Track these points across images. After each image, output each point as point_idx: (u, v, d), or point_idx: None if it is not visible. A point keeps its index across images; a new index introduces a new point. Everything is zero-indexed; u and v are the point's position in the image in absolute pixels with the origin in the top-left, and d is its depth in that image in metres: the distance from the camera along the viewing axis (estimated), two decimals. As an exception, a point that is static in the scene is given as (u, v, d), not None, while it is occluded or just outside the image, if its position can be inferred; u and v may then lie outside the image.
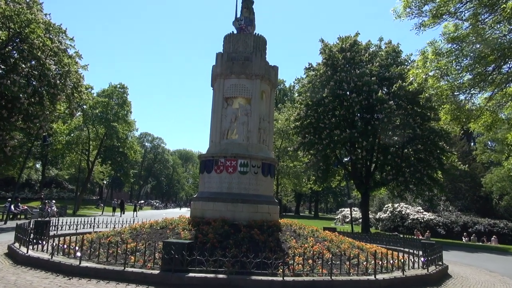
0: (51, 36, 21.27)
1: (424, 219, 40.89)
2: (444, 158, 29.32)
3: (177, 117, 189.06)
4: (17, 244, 10.22)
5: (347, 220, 50.50)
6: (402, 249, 14.25)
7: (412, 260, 8.72)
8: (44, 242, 9.29)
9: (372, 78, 28.60)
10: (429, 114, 28.80)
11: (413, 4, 10.09)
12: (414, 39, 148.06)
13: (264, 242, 10.16)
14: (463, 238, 36.20)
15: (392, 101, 27.16)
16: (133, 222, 18.41)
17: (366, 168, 30.63)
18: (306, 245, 10.29)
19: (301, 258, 8.70)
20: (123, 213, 44.64)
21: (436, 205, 34.35)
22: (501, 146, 50.85)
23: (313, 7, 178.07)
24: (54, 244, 8.91)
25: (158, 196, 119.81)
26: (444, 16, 9.60)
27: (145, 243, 9.77)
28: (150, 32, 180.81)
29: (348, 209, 57.25)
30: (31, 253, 9.05)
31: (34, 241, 9.72)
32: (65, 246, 8.97)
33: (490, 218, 40.78)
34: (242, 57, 13.60)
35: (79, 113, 31.47)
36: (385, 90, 29.53)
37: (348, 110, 29.23)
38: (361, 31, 32.66)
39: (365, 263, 9.28)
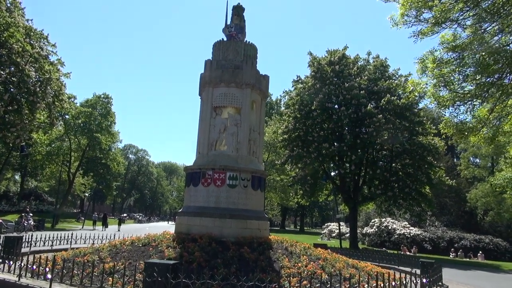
0: (31, 41, 20.42)
1: (411, 234, 40.72)
2: (432, 173, 29.16)
3: (162, 129, 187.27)
4: (-18, 264, 9.26)
5: (334, 235, 49.94)
6: (396, 267, 13.68)
7: (414, 281, 8.11)
8: (11, 262, 8.36)
9: (361, 92, 28.41)
10: (417, 128, 28.71)
11: (411, 12, 9.76)
12: (402, 51, 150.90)
13: (255, 261, 9.45)
14: (450, 253, 36.00)
15: (381, 115, 26.93)
16: (114, 237, 17.43)
17: (354, 182, 30.22)
18: (299, 264, 9.62)
19: (296, 279, 8.02)
20: (106, 227, 43.24)
21: (425, 221, 34.03)
22: (485, 161, 51.50)
23: (300, 20, 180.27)
24: (23, 264, 8.01)
25: (142, 209, 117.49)
26: (445, 23, 9.25)
27: (125, 262, 8.95)
28: (136, 40, 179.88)
29: (334, 223, 57.02)
30: (-4, 274, 8.15)
31: (1, 259, 8.78)
32: (35, 266, 8.08)
33: (475, 233, 40.84)
34: (232, 65, 13.02)
35: (60, 122, 30.31)
36: (374, 104, 29.37)
37: (337, 124, 28.91)
38: (349, 43, 32.72)
39: (364, 284, 8.64)
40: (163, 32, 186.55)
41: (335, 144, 28.43)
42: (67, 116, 44.57)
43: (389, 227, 43.00)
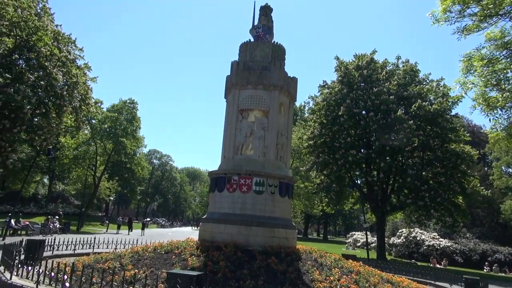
0: (59, 45, 20.55)
1: (441, 246, 38.95)
2: (465, 182, 27.77)
3: (186, 134, 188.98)
4: (2, 268, 9.02)
5: (359, 244, 48.53)
6: (433, 282, 12.73)
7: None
8: (29, 268, 8.04)
9: (390, 97, 27.46)
10: (450, 135, 27.46)
11: (455, 7, 9.00)
12: (434, 55, 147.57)
13: (283, 273, 8.84)
14: (484, 267, 34.21)
15: (411, 121, 25.89)
16: (137, 243, 17.13)
17: (382, 190, 29.11)
18: (331, 277, 8.94)
19: (329, 295, 7.37)
20: (131, 231, 43.56)
21: (458, 232, 32.47)
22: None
23: (325, 24, 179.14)
24: (41, 269, 7.68)
25: (165, 214, 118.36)
26: (493, 18, 8.48)
27: (146, 270, 8.51)
28: (161, 45, 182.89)
29: (359, 233, 55.50)
30: (15, 279, 7.84)
31: (20, 264, 8.49)
32: (53, 272, 7.72)
33: (510, 246, 38.76)
34: (259, 66, 12.53)
35: (86, 126, 30.58)
36: (403, 109, 28.32)
37: (364, 130, 28.00)
38: (377, 47, 31.44)
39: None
40: (192, 34, 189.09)
41: (363, 150, 27.50)
42: (93, 121, 45.23)
43: (418, 238, 41.32)
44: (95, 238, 16.45)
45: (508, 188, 47.87)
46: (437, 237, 41.54)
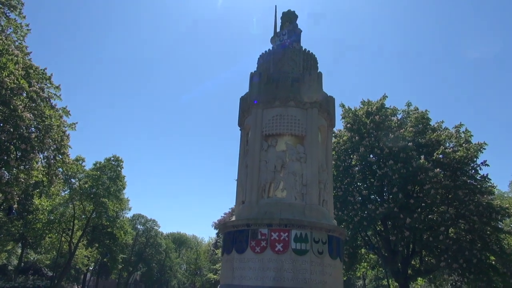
0: (30, 80, 17.23)
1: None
2: (503, 240, 24.02)
3: (172, 196, 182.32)
4: None
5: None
6: None
7: None
8: None
9: (409, 144, 24.47)
10: (478, 186, 24.18)
11: None
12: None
13: None
14: None
15: (438, 169, 22.67)
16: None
17: (407, 251, 25.02)
18: None
19: None
20: None
21: None
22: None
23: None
24: None
25: (148, 285, 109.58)
26: None
27: None
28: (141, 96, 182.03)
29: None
30: None
31: None
32: None
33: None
34: (289, 79, 9.30)
35: (60, 181, 26.31)
36: (424, 158, 25.24)
37: (382, 181, 24.58)
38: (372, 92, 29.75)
39: None
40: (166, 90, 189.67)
41: (384, 205, 23.83)
42: (73, 180, 40.92)
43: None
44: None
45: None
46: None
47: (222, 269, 8.35)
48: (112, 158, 45.00)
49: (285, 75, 9.47)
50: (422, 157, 23.79)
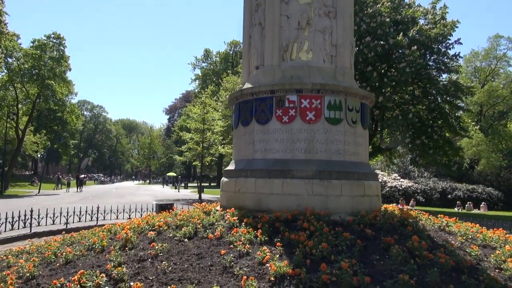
0: None
1: (402, 187, 37.92)
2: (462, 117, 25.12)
3: (119, 82, 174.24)
4: None
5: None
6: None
7: None
8: None
9: (387, 20, 23.19)
10: (449, 64, 24.22)
11: None
12: None
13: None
14: (456, 207, 33.09)
15: (415, 46, 22.01)
16: (89, 209, 11.82)
17: (374, 129, 25.57)
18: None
19: None
20: (81, 190, 38.55)
21: (455, 172, 30.34)
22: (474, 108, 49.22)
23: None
24: None
25: (101, 170, 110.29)
26: None
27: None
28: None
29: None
30: None
31: None
32: None
33: (466, 183, 38.75)
34: None
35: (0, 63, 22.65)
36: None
37: (356, 59, 23.69)
38: None
39: None
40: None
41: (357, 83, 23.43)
42: (9, 59, 36.32)
43: (380, 180, 39.83)
44: (32, 211, 10.79)
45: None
46: (398, 178, 40.58)
47: (238, 143, 7.28)
48: (52, 36, 39.90)
49: None
50: (401, 34, 22.80)
